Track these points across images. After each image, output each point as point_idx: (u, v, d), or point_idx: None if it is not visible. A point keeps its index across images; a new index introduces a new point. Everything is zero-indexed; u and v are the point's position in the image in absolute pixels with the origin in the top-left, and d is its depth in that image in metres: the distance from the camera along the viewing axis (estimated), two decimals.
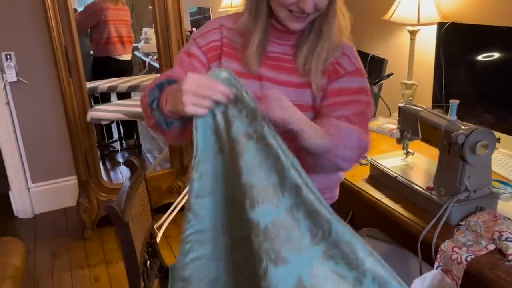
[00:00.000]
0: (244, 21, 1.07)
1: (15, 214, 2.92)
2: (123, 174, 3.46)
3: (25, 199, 2.91)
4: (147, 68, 3.85)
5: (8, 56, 2.64)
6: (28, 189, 2.91)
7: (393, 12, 2.00)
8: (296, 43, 1.08)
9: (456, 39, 1.74)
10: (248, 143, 0.85)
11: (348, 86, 1.07)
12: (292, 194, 0.85)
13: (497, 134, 1.54)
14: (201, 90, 0.83)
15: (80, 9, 3.27)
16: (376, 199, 1.41)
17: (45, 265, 2.43)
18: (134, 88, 2.97)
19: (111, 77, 3.20)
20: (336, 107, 1.05)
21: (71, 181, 2.99)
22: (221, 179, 0.90)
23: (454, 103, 1.25)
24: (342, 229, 0.86)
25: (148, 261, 1.44)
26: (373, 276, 0.85)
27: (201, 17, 3.92)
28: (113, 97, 3.44)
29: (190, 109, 0.83)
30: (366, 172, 1.57)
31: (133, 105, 2.51)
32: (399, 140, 1.50)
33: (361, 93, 1.07)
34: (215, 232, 0.93)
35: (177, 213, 2.59)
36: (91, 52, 3.32)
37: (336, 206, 1.28)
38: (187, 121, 0.92)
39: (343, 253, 0.85)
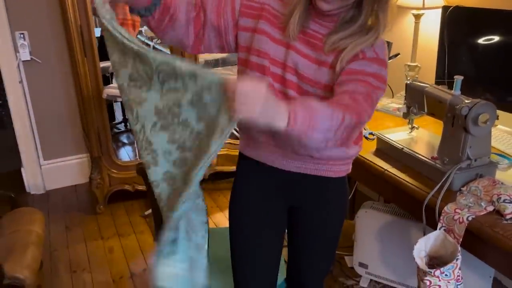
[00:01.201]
0: None
1: (27, 190, 3.02)
2: (128, 154, 3.55)
3: (37, 176, 3.00)
4: None
5: (22, 35, 2.70)
6: (40, 166, 2.99)
7: None
8: (334, 29, 1.11)
9: (459, 22, 1.83)
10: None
11: (362, 69, 1.08)
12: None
13: (497, 111, 1.65)
14: None
15: None
16: (384, 169, 1.51)
17: (60, 237, 2.53)
18: None
19: None
20: (343, 83, 1.06)
21: (82, 158, 3.08)
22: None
23: (458, 78, 1.35)
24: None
25: None
26: None
27: None
28: None
29: None
30: (373, 145, 1.67)
31: None
32: (405, 115, 1.60)
33: (374, 77, 1.08)
34: None
35: None
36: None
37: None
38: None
39: None
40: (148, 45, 3.94)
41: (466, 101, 1.30)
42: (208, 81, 0.94)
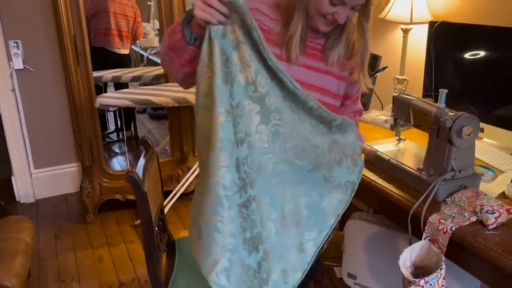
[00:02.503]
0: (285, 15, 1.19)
1: (17, 198, 3.01)
2: (120, 164, 3.55)
3: (27, 184, 2.99)
4: (145, 62, 3.93)
5: (15, 44, 2.72)
6: (31, 174, 2.99)
7: (388, 11, 2.13)
8: (328, 42, 1.24)
9: (445, 37, 1.88)
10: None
11: (357, 99, 1.40)
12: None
13: (481, 125, 1.68)
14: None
15: None
16: (371, 179, 1.54)
17: (49, 246, 2.52)
18: (137, 78, 3.06)
19: (108, 69, 3.27)
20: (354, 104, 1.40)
21: (72, 168, 3.08)
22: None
23: (443, 92, 1.39)
24: None
25: (159, 234, 1.55)
26: None
27: None
28: (110, 89, 3.52)
29: (197, 12, 0.98)
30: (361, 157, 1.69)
31: (139, 93, 2.61)
32: (392, 127, 1.63)
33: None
34: None
35: (176, 200, 2.70)
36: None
37: None
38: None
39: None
40: (142, 55, 3.97)
41: (450, 113, 1.33)
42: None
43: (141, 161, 1.41)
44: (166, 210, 2.66)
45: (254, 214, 1.06)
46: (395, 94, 1.60)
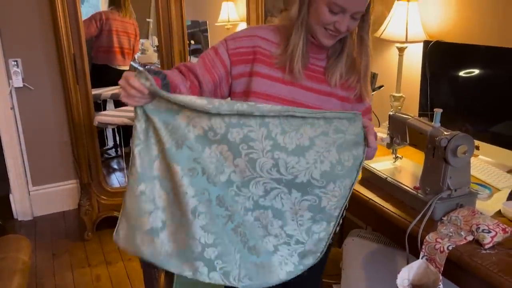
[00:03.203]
0: (283, 33, 1.22)
1: (15, 216, 3.00)
2: (119, 180, 3.55)
3: (25, 202, 2.98)
4: None
5: (15, 63, 2.74)
6: (29, 192, 2.99)
7: (383, 30, 2.17)
8: (329, 62, 1.25)
9: (440, 56, 1.91)
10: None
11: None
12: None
13: (477, 142, 1.70)
14: (125, 85, 1.03)
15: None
16: (368, 198, 1.55)
17: (47, 265, 2.51)
18: None
19: (109, 86, 3.30)
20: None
21: (70, 185, 3.08)
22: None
23: (438, 111, 1.41)
24: None
25: None
26: None
27: (196, 31, 4.06)
28: (109, 106, 3.54)
29: (125, 100, 1.05)
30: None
31: None
32: (389, 145, 1.65)
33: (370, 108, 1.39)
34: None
35: None
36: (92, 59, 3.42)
37: None
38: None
39: None
40: (140, 71, 4.00)
41: (445, 133, 1.35)
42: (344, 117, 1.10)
43: None
44: None
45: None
46: (391, 113, 1.62)
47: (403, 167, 1.66)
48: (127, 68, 3.55)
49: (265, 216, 1.14)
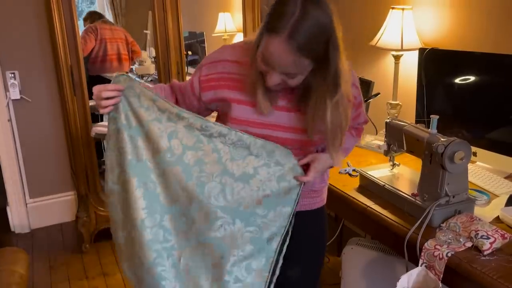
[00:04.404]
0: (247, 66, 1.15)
1: (12, 229, 2.98)
2: None
3: (22, 214, 2.96)
4: None
5: (12, 75, 2.75)
6: (26, 204, 2.97)
7: (379, 39, 2.18)
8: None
9: (435, 63, 1.92)
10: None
11: (359, 114, 1.34)
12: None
13: (474, 148, 1.70)
14: (99, 94, 1.13)
15: None
16: (366, 205, 1.54)
17: (44, 277, 2.48)
18: None
19: None
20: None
21: (68, 197, 3.06)
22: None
23: (434, 118, 1.41)
24: None
25: None
26: None
27: (193, 42, 4.08)
28: (106, 117, 3.54)
29: (100, 111, 1.15)
30: (356, 182, 1.70)
31: None
32: (386, 153, 1.65)
33: (361, 104, 1.32)
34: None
35: None
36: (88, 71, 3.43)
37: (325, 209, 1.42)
38: None
39: None
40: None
41: (442, 139, 1.35)
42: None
43: None
44: None
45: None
46: (388, 120, 1.62)
47: (400, 174, 1.66)
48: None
49: (208, 249, 1.17)
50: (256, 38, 1.06)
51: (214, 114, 1.33)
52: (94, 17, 3.35)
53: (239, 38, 3.34)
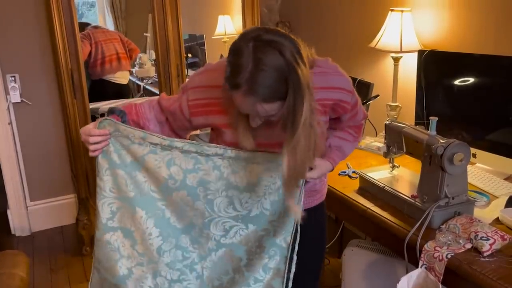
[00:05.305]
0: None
1: (12, 232, 2.98)
2: None
3: (23, 217, 2.97)
4: (141, 92, 3.98)
5: (13, 78, 2.75)
6: (26, 207, 2.97)
7: (378, 41, 2.18)
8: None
9: (434, 65, 1.92)
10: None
11: (356, 113, 1.32)
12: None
13: (474, 150, 1.70)
14: (86, 138, 1.16)
15: None
16: (366, 207, 1.54)
17: (44, 280, 2.48)
18: None
19: (106, 100, 3.31)
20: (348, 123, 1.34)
21: (68, 199, 3.07)
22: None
23: (433, 119, 1.41)
24: None
25: None
26: None
27: (193, 44, 4.09)
28: None
29: (90, 154, 1.18)
30: (356, 184, 1.71)
31: None
32: (385, 154, 1.65)
33: (357, 103, 1.29)
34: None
35: None
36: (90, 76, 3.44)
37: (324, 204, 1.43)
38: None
39: None
40: (138, 85, 4.02)
41: (442, 141, 1.35)
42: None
43: None
44: None
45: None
46: (387, 122, 1.62)
47: (400, 175, 1.66)
48: (123, 75, 3.56)
49: (227, 255, 1.21)
50: (223, 86, 1.05)
51: None
52: (80, 26, 3.37)
53: None
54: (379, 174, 1.67)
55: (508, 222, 1.36)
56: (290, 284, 1.20)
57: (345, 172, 1.83)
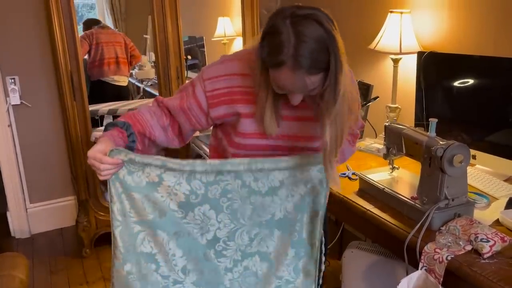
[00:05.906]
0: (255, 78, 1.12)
1: (12, 234, 2.97)
2: None
3: (23, 219, 2.96)
4: (141, 94, 3.98)
5: (12, 80, 2.76)
6: (26, 209, 2.97)
7: (378, 42, 2.19)
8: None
9: (434, 67, 1.92)
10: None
11: (356, 122, 1.31)
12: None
13: (473, 151, 1.70)
14: (96, 165, 1.06)
15: None
16: (365, 209, 1.54)
17: (44, 283, 2.48)
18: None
19: (106, 102, 3.31)
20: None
21: (68, 201, 3.07)
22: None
23: (433, 121, 1.41)
24: None
25: None
26: None
27: (193, 46, 4.09)
28: (106, 121, 3.55)
29: (100, 178, 1.09)
30: (356, 186, 1.70)
31: None
32: (385, 156, 1.65)
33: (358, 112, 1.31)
34: None
35: None
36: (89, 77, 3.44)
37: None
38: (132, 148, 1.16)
39: None
40: (138, 87, 4.02)
41: (441, 142, 1.35)
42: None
43: None
44: None
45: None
46: (387, 124, 1.62)
47: (400, 177, 1.66)
48: (122, 78, 3.55)
49: (254, 263, 1.20)
50: (258, 69, 1.07)
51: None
52: (88, 23, 3.36)
53: (238, 42, 3.35)
54: (379, 175, 1.66)
55: (508, 224, 1.36)
56: (320, 283, 1.21)
57: (344, 174, 1.83)
